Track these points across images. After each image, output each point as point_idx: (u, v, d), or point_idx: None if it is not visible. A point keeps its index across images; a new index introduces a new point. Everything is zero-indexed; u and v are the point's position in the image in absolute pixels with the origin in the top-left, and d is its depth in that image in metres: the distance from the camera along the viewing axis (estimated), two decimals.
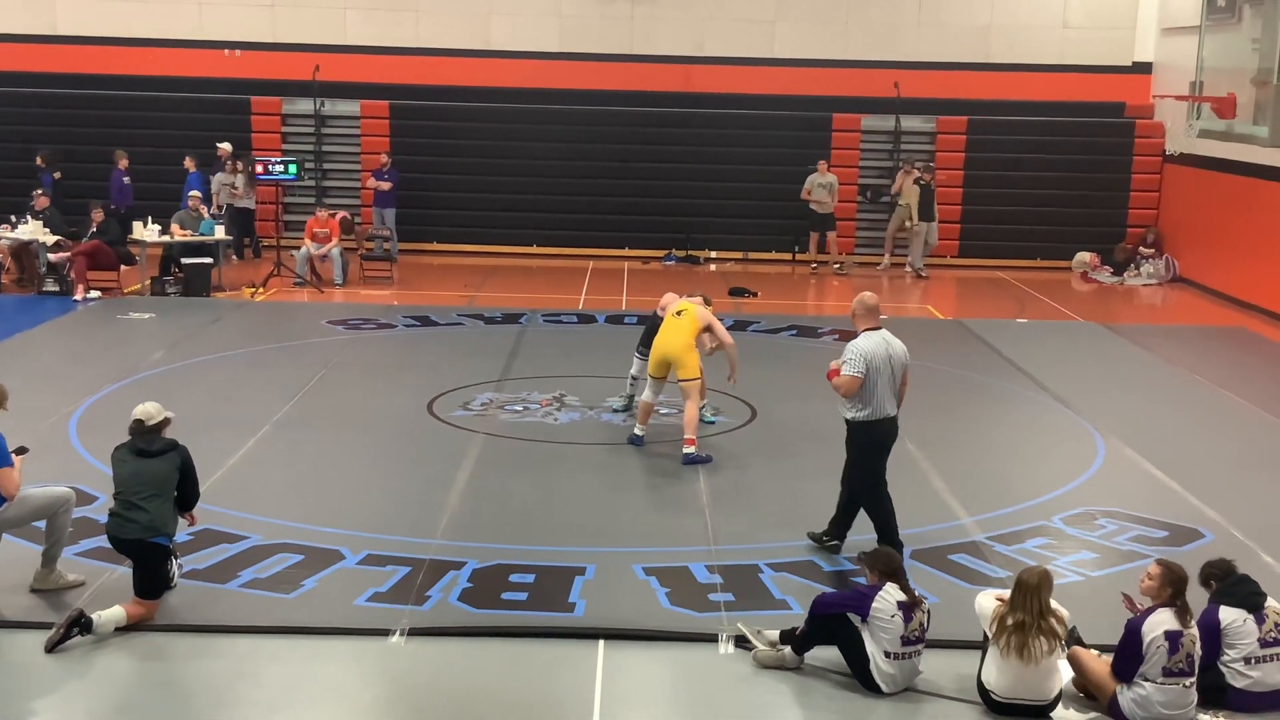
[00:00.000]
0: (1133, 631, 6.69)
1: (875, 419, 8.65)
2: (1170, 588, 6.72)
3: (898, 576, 7.03)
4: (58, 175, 20.32)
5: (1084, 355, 15.63)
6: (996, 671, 6.68)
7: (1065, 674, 6.91)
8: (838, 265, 21.56)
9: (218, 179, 20.81)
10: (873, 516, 8.74)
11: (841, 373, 8.65)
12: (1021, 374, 14.42)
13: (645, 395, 11.23)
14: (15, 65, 22.58)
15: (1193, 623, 6.70)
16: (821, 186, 21.21)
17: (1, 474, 7.57)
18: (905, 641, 6.89)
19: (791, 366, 14.66)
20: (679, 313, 11.10)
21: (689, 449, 10.73)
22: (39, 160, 20.31)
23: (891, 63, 22.65)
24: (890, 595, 6.91)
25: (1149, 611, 6.74)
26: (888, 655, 6.86)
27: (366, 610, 7.73)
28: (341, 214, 20.33)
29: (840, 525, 8.90)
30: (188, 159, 20.45)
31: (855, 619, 6.96)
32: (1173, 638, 6.60)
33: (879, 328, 8.81)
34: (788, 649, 7.20)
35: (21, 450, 7.92)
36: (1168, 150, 22.15)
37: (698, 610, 7.87)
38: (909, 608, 6.89)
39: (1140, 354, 15.74)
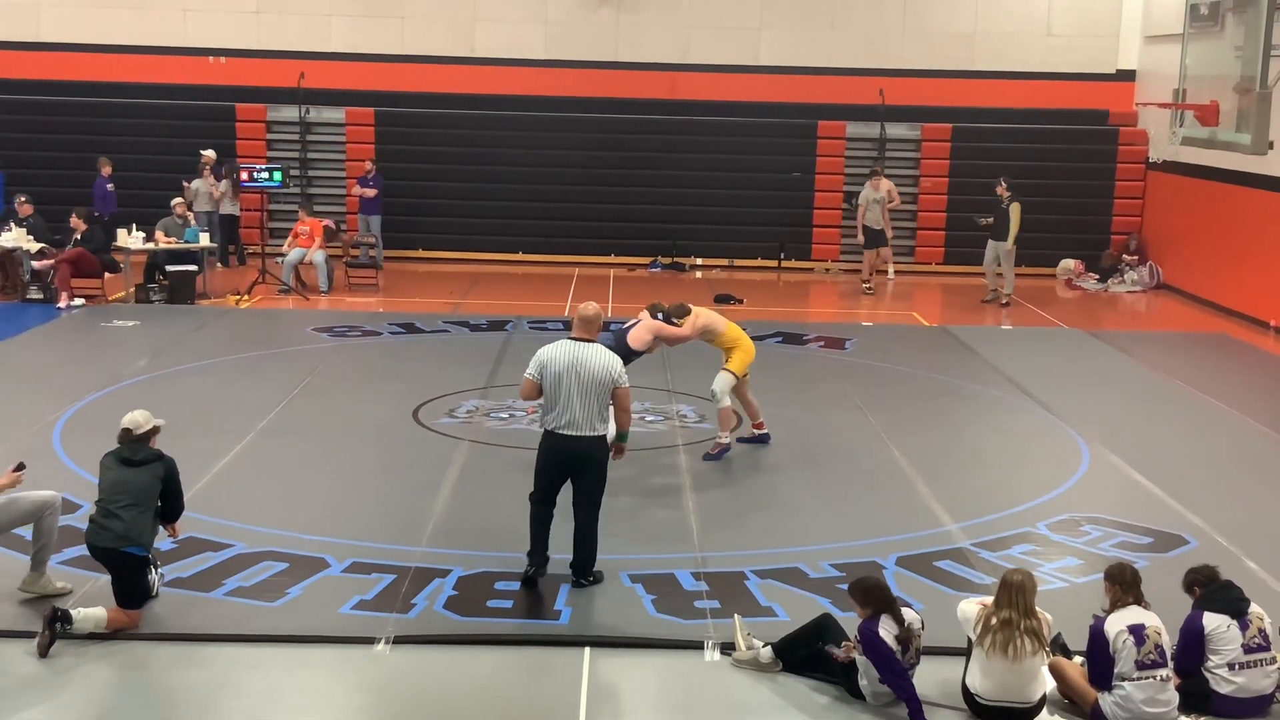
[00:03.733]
0: (1096, 633, 6.75)
1: (550, 429, 8.27)
2: (1124, 589, 6.78)
3: (892, 608, 6.91)
4: None
5: (1068, 362, 15.68)
6: (980, 674, 6.69)
7: (1049, 682, 6.92)
8: (866, 285, 20.78)
9: (195, 185, 20.72)
10: None
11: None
12: (1006, 381, 14.46)
13: None
14: None
15: (1153, 613, 6.76)
16: (876, 203, 20.45)
17: None
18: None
19: (777, 374, 14.65)
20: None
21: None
22: None
23: (876, 70, 22.70)
24: (888, 631, 6.80)
25: (1109, 611, 6.80)
26: (880, 679, 6.82)
27: (351, 618, 7.71)
28: (326, 222, 20.29)
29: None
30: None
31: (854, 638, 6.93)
32: (1136, 630, 6.65)
33: (588, 340, 8.33)
34: (765, 648, 7.20)
35: (20, 467, 7.89)
36: (1151, 157, 22.25)
37: (684, 618, 7.87)
38: (905, 639, 6.84)
39: (1124, 360, 15.79)
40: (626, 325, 11.13)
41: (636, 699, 7.07)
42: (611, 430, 8.43)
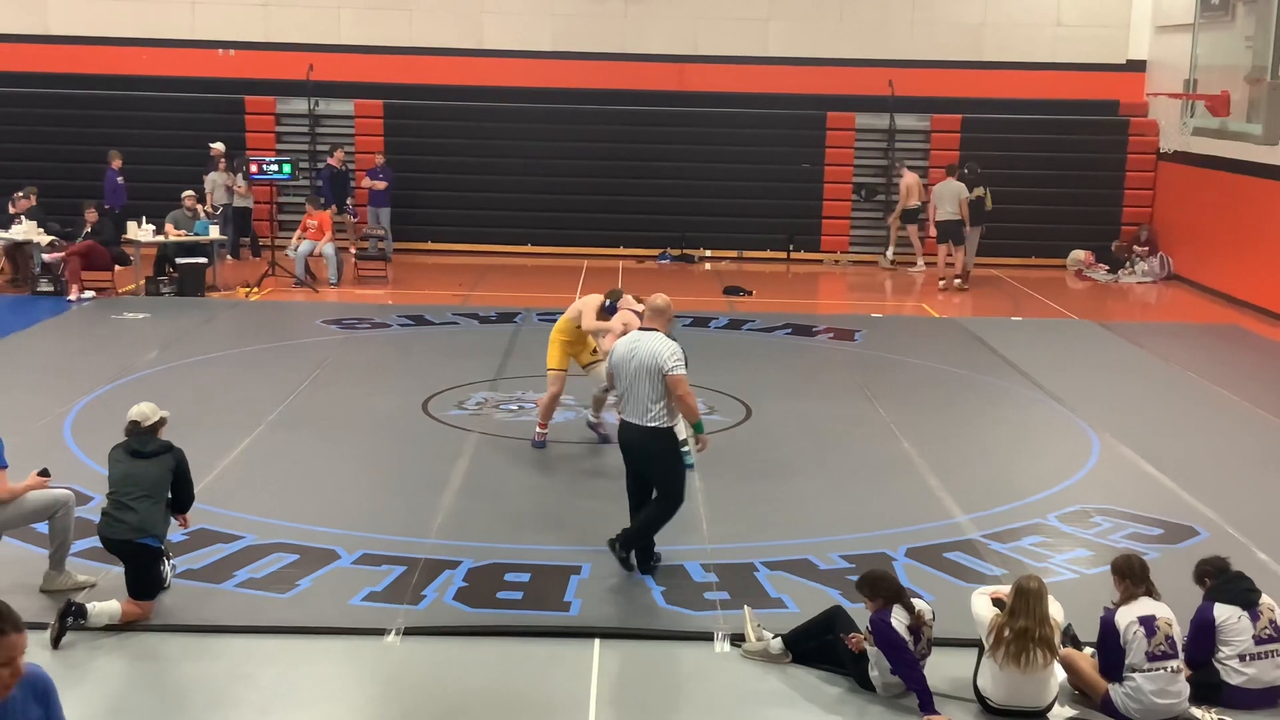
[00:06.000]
0: (1106, 624, 6.75)
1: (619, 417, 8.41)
2: (1134, 582, 6.77)
3: (901, 597, 6.90)
4: None
5: (1079, 353, 15.65)
6: (992, 679, 6.66)
7: (1060, 674, 6.91)
8: (944, 281, 20.34)
9: (211, 178, 20.80)
10: None
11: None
12: (1016, 372, 14.44)
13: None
14: (8, 65, 22.54)
15: (1163, 604, 6.75)
16: (942, 196, 20.19)
17: None
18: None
19: (786, 365, 14.67)
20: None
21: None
22: None
23: (885, 61, 22.65)
24: (900, 621, 6.80)
25: (1120, 603, 6.79)
26: (891, 670, 6.82)
27: (362, 610, 7.73)
28: (333, 210, 20.35)
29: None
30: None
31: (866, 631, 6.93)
32: (1147, 621, 6.65)
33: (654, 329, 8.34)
34: (775, 640, 7.21)
35: (45, 473, 7.92)
36: (1162, 148, 22.17)
37: (693, 609, 7.87)
38: (916, 629, 6.83)
39: (1135, 351, 15.76)
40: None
41: (646, 690, 7.08)
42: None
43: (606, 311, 11.07)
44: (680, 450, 8.29)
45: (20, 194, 18.66)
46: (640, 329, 8.42)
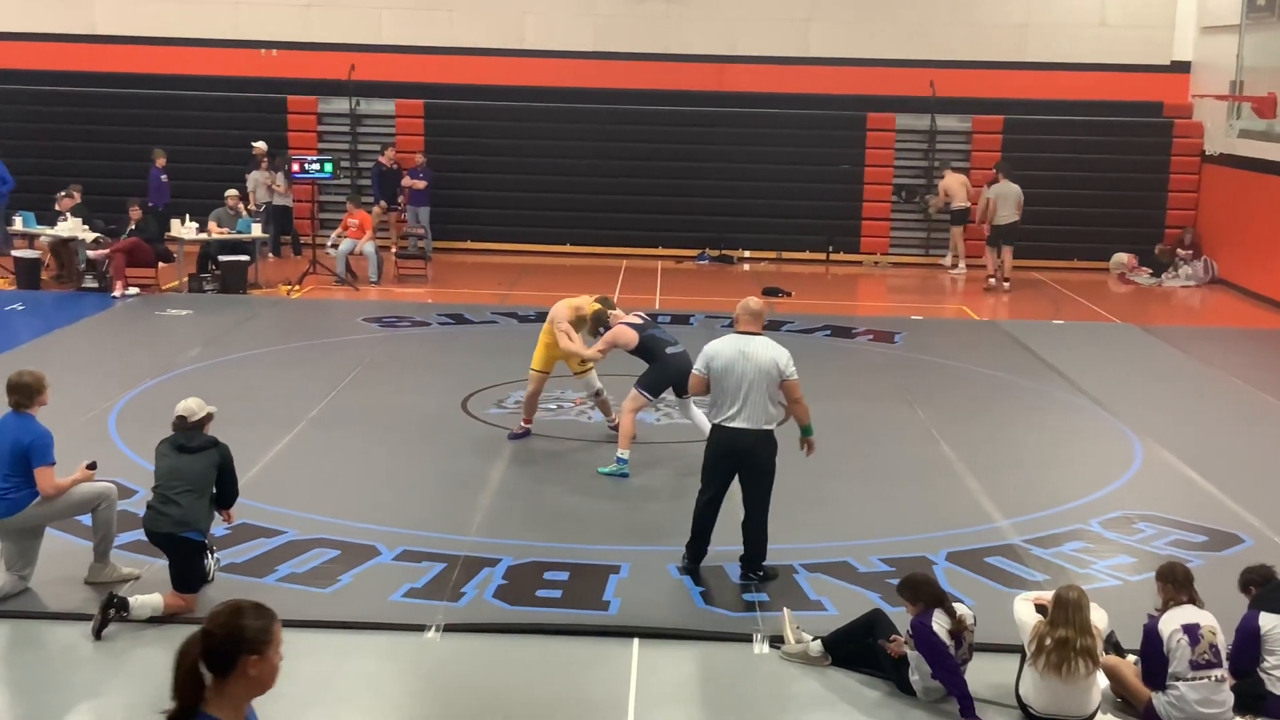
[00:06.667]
0: (1150, 632, 6.68)
1: (717, 423, 8.22)
2: (1178, 589, 6.71)
3: (943, 601, 6.88)
4: None
5: (1121, 357, 15.52)
6: (1034, 688, 6.61)
7: (1102, 682, 6.86)
8: (1003, 281, 20.25)
9: (253, 177, 20.96)
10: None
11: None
12: (1058, 376, 14.34)
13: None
14: (55, 64, 22.80)
15: (1207, 613, 6.68)
16: (1003, 198, 20.09)
17: (41, 472, 7.64)
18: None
19: (825, 366, 14.62)
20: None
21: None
22: None
23: (926, 61, 22.53)
24: (941, 625, 6.77)
25: (1163, 611, 6.73)
26: (932, 674, 6.79)
27: (402, 606, 7.77)
28: (383, 207, 20.48)
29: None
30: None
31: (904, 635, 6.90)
32: (1190, 630, 6.58)
33: (756, 333, 8.26)
34: (814, 642, 7.19)
35: (93, 466, 8.02)
36: (1207, 150, 21.97)
37: (732, 610, 7.87)
38: (957, 634, 6.79)
39: (1178, 356, 15.62)
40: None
41: (685, 690, 7.08)
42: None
43: (602, 328, 10.99)
44: None
45: (65, 192, 18.87)
46: (738, 332, 8.23)
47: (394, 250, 20.72)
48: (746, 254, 22.61)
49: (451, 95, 22.81)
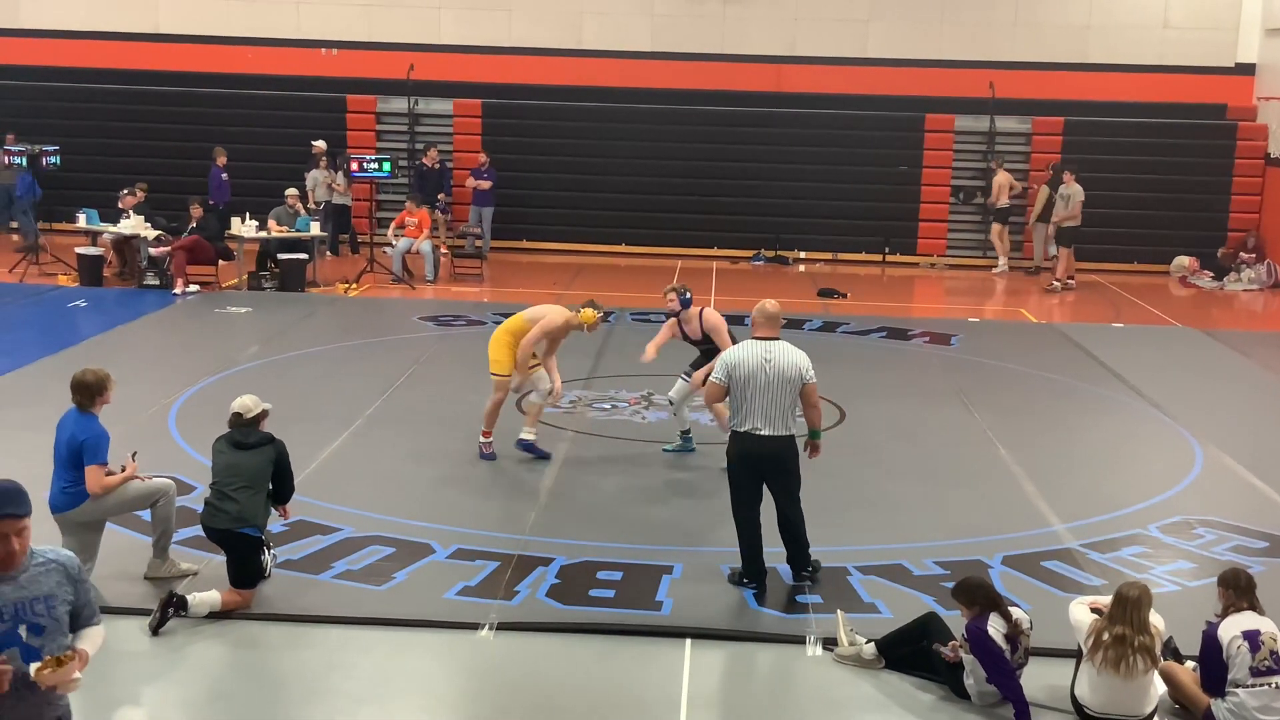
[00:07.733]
0: (1209, 638, 6.59)
1: (741, 430, 8.10)
2: (1240, 595, 6.61)
3: (998, 605, 6.81)
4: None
5: (1182, 361, 15.32)
6: (1090, 687, 6.55)
7: (1160, 687, 6.78)
8: (1059, 282, 20.25)
9: (312, 176, 21.16)
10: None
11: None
12: (1117, 379, 14.17)
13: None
14: (120, 63, 23.15)
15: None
16: (1063, 199, 20.17)
17: (90, 471, 7.71)
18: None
19: (880, 368, 14.55)
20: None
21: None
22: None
23: (986, 63, 22.38)
24: (997, 629, 6.71)
25: (1223, 616, 6.64)
26: (987, 679, 6.73)
27: (456, 604, 7.80)
28: (430, 209, 20.59)
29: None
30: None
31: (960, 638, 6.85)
32: (1251, 636, 6.49)
33: (774, 338, 8.14)
34: (867, 645, 7.15)
35: (134, 456, 8.10)
36: (1271, 153, 21.64)
37: (785, 611, 7.84)
38: (1013, 638, 6.73)
39: (1240, 360, 15.39)
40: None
41: (737, 692, 7.06)
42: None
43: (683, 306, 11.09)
44: None
45: (128, 190, 19.14)
46: (757, 338, 8.17)
47: (443, 250, 20.83)
48: (802, 255, 22.53)
49: (509, 95, 22.92)
